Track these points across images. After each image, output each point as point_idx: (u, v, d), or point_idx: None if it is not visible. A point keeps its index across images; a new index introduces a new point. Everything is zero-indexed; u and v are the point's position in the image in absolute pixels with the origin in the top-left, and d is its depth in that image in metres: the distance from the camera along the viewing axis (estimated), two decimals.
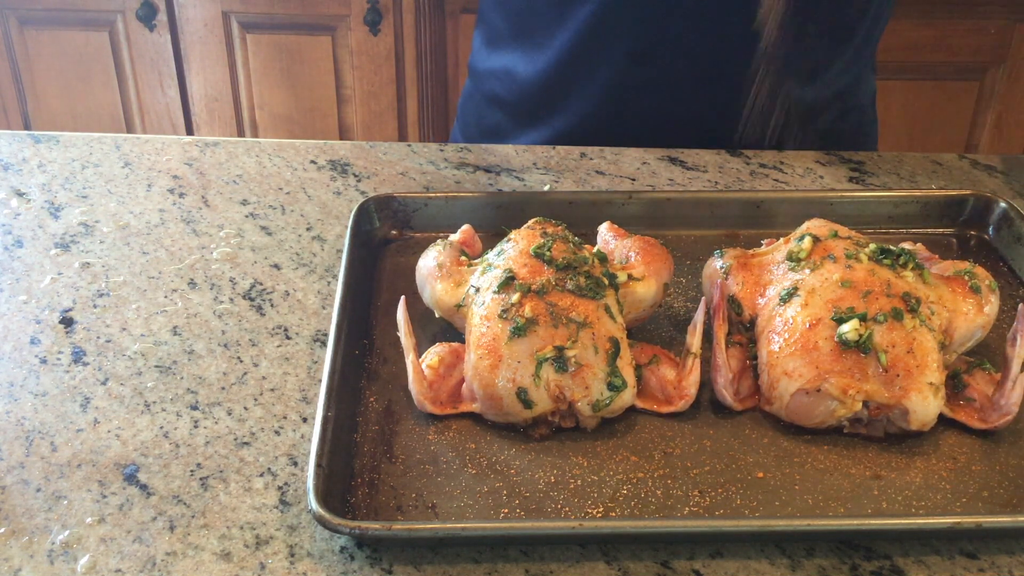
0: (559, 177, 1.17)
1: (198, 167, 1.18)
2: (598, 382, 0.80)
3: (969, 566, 0.72)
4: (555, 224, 0.92)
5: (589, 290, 0.83)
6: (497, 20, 1.29)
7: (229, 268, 1.01)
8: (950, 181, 1.17)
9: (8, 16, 2.32)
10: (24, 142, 1.22)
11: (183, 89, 2.40)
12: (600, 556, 0.72)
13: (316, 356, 0.90)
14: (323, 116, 2.42)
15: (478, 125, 1.35)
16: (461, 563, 0.72)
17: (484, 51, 1.32)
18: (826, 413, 0.80)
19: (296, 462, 0.80)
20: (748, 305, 0.88)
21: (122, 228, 1.07)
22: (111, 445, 0.81)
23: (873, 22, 1.22)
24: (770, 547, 0.73)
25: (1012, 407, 0.81)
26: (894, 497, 0.77)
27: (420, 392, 0.82)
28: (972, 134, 2.40)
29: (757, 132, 1.23)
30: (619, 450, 0.80)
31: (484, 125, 1.34)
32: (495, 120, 1.32)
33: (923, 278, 0.86)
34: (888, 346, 0.80)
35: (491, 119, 1.33)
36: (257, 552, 0.72)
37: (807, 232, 0.90)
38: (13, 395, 0.85)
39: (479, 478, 0.78)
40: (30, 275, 0.99)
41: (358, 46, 2.33)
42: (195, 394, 0.86)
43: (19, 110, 2.44)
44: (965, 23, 2.24)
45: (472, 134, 1.36)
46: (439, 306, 0.89)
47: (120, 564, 0.71)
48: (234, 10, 2.30)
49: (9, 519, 0.74)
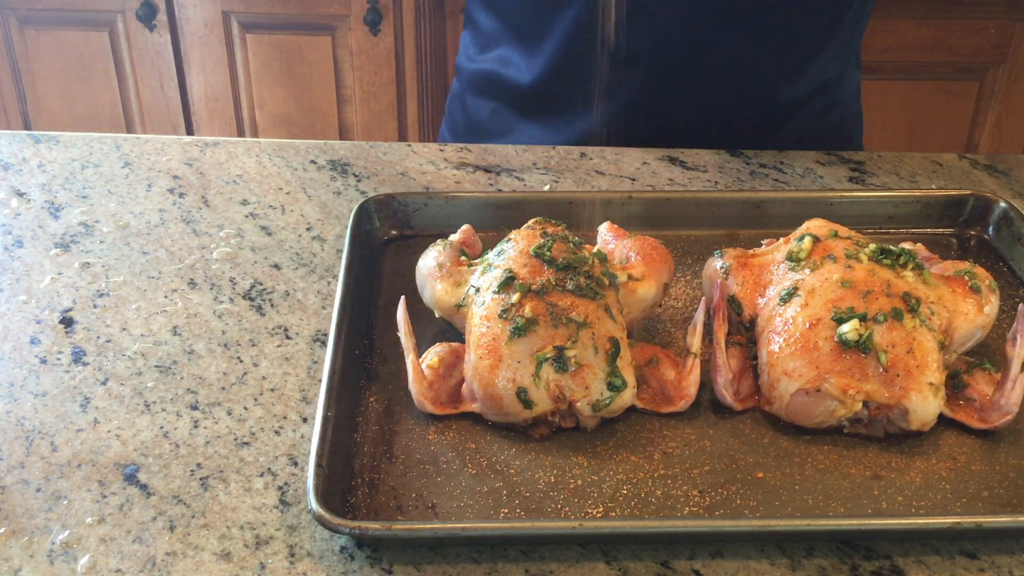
0: (559, 177, 1.17)
1: (198, 167, 1.18)
2: (598, 382, 0.80)
3: (969, 566, 0.72)
4: (555, 224, 0.92)
5: (589, 290, 0.83)
6: (486, 22, 1.29)
7: (229, 268, 1.01)
8: (950, 181, 1.17)
9: (8, 16, 2.32)
10: (24, 142, 1.22)
11: (183, 89, 2.41)
12: (600, 556, 0.72)
13: (316, 356, 0.90)
14: (323, 116, 2.42)
15: (466, 125, 1.35)
16: (461, 563, 0.72)
17: (474, 52, 1.32)
18: (826, 413, 0.80)
19: (296, 462, 0.80)
20: (748, 305, 0.88)
21: (122, 228, 1.07)
22: (111, 445, 0.81)
23: (856, 17, 1.22)
24: (770, 547, 0.73)
25: (1012, 407, 0.81)
26: (894, 497, 0.77)
27: (420, 392, 0.82)
28: (972, 134, 2.40)
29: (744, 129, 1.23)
30: (619, 450, 0.80)
31: (472, 125, 1.34)
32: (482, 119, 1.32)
33: (923, 278, 0.86)
34: (888, 346, 0.80)
35: (479, 119, 1.33)
36: (257, 552, 0.72)
37: (807, 232, 0.90)
38: (13, 395, 0.85)
39: (479, 478, 0.78)
40: (30, 275, 0.99)
41: (358, 46, 2.33)
42: (195, 394, 0.86)
43: (19, 110, 2.44)
44: (965, 23, 2.24)
45: (460, 134, 1.36)
46: (439, 306, 0.89)
47: (120, 564, 0.71)
48: (234, 10, 2.30)
49: (9, 519, 0.74)
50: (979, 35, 2.25)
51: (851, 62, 1.29)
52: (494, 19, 1.27)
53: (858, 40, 1.29)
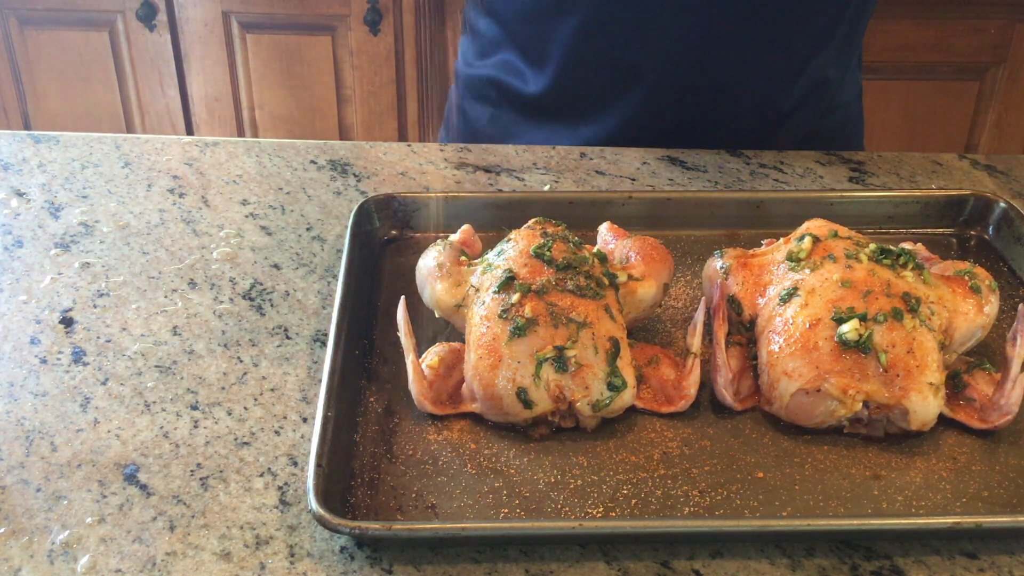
0: (559, 177, 1.17)
1: (198, 167, 1.18)
2: (598, 382, 0.80)
3: (969, 566, 0.72)
4: (555, 224, 0.92)
5: (589, 290, 0.83)
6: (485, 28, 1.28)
7: (229, 268, 1.01)
8: (950, 181, 1.17)
9: (8, 16, 2.32)
10: (24, 142, 1.22)
11: (183, 89, 2.41)
12: (600, 556, 0.72)
13: (316, 356, 0.90)
14: (323, 116, 2.42)
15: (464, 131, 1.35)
16: (461, 563, 0.72)
17: (472, 58, 1.32)
18: (826, 413, 0.80)
19: (296, 462, 0.80)
20: (748, 305, 0.88)
21: (122, 228, 1.07)
22: (111, 445, 0.81)
23: (855, 18, 1.22)
24: (770, 547, 0.73)
25: (1012, 407, 0.81)
26: (894, 497, 0.77)
27: (420, 392, 0.82)
28: (972, 134, 2.40)
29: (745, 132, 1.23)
30: (619, 450, 0.80)
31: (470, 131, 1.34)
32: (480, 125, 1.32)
33: (923, 278, 0.86)
34: (888, 346, 0.80)
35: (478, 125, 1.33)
36: (257, 552, 0.72)
37: (807, 232, 0.90)
38: (13, 395, 0.85)
39: (479, 478, 0.78)
40: (30, 275, 0.99)
41: (358, 46, 2.33)
42: (195, 394, 0.86)
43: (19, 110, 2.44)
44: (965, 23, 2.24)
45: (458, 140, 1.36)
46: (439, 306, 0.89)
47: (120, 564, 0.71)
48: (234, 10, 2.30)
49: (9, 519, 0.74)
50: (979, 35, 2.25)
51: (852, 64, 1.29)
52: (493, 25, 1.27)
53: (858, 42, 1.29)
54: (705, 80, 1.19)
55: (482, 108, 1.32)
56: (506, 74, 1.26)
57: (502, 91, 1.28)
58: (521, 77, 1.25)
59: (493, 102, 1.30)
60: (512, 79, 1.26)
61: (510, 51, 1.25)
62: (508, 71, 1.26)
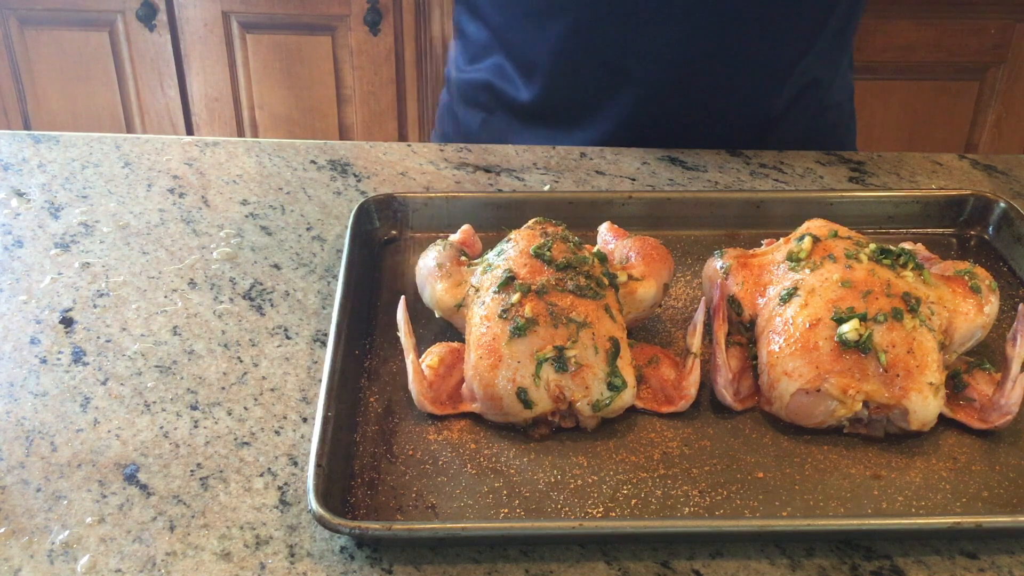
0: (559, 177, 1.17)
1: (198, 167, 1.18)
2: (598, 382, 0.80)
3: (969, 566, 0.72)
4: (555, 224, 0.92)
5: (589, 290, 0.83)
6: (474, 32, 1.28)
7: (229, 268, 1.01)
8: (950, 181, 1.17)
9: (8, 16, 2.32)
10: (24, 142, 1.22)
11: (183, 89, 2.41)
12: (600, 556, 0.72)
13: (316, 356, 0.90)
14: (323, 116, 2.42)
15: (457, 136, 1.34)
16: (461, 563, 0.72)
17: (463, 63, 1.31)
18: (826, 413, 0.80)
19: (296, 462, 0.80)
20: (748, 305, 0.88)
21: (122, 228, 1.07)
22: (111, 445, 0.81)
23: (844, 18, 1.22)
24: (770, 547, 0.73)
25: (1012, 407, 0.81)
26: (894, 497, 0.77)
27: (420, 392, 0.82)
28: (972, 134, 2.40)
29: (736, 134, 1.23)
30: (619, 450, 0.80)
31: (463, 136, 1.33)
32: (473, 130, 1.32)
33: (923, 278, 0.86)
34: (888, 346, 0.80)
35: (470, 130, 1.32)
36: (257, 552, 0.72)
37: (807, 232, 0.90)
38: (13, 395, 0.85)
39: (479, 478, 0.78)
40: (30, 275, 0.99)
41: (358, 46, 2.33)
42: (195, 394, 0.86)
43: (19, 110, 2.44)
44: (965, 23, 2.24)
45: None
46: (439, 306, 0.89)
47: (120, 564, 0.71)
48: (234, 10, 2.30)
49: (9, 519, 0.74)
50: (979, 35, 2.25)
51: (843, 65, 1.28)
52: (482, 29, 1.27)
53: (848, 43, 1.28)
54: (695, 82, 1.19)
55: (474, 113, 1.31)
56: (498, 79, 1.26)
57: (494, 96, 1.28)
58: (512, 83, 1.25)
59: (485, 107, 1.30)
60: (504, 84, 1.26)
61: (500, 56, 1.25)
62: (499, 76, 1.26)
